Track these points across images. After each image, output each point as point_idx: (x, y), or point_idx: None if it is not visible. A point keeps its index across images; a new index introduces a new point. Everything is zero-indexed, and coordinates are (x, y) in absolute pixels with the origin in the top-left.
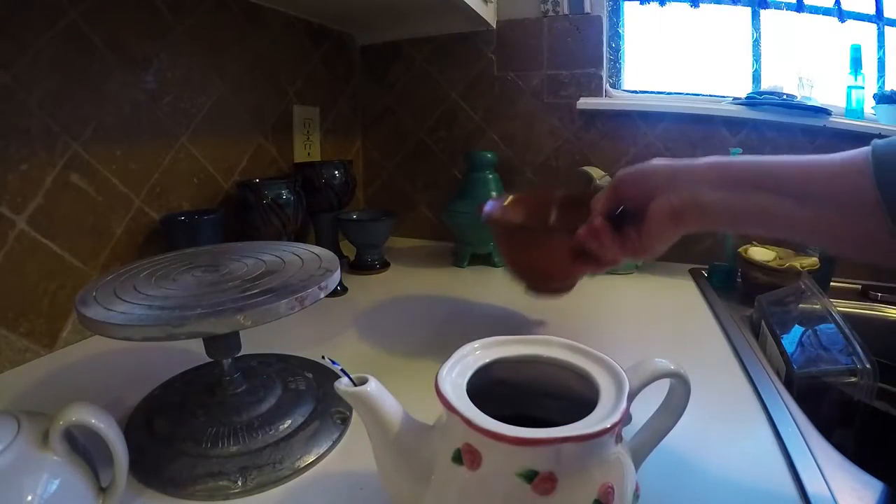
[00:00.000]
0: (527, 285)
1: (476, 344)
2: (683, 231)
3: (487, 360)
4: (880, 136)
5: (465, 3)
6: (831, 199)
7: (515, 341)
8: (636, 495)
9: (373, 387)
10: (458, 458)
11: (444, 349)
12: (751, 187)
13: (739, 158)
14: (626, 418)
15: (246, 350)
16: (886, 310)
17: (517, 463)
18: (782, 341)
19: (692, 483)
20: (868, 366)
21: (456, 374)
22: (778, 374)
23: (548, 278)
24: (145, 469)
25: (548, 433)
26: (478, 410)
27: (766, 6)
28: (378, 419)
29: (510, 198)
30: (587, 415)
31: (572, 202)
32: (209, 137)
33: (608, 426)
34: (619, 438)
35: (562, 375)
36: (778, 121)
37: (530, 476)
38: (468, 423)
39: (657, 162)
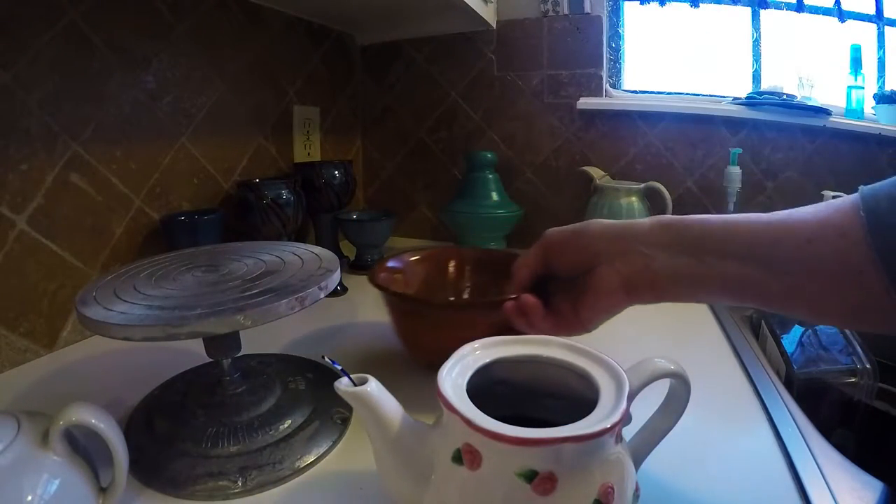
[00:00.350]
0: (424, 363)
1: (476, 344)
2: (634, 303)
3: (487, 360)
4: (880, 137)
5: (465, 3)
6: (808, 268)
7: (515, 341)
8: (636, 495)
9: (373, 387)
10: (458, 457)
11: None
12: (713, 254)
13: (694, 218)
14: (626, 418)
15: (246, 350)
16: None
17: (517, 463)
18: (782, 341)
19: (692, 483)
20: (868, 366)
21: (456, 374)
22: (778, 374)
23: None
24: (145, 469)
25: (548, 433)
26: (478, 410)
27: (766, 6)
28: (378, 419)
29: (414, 256)
30: (587, 414)
31: (483, 264)
32: (209, 137)
33: (608, 426)
34: (619, 438)
35: (562, 375)
36: (778, 121)
37: (530, 476)
38: (468, 423)
39: (594, 224)
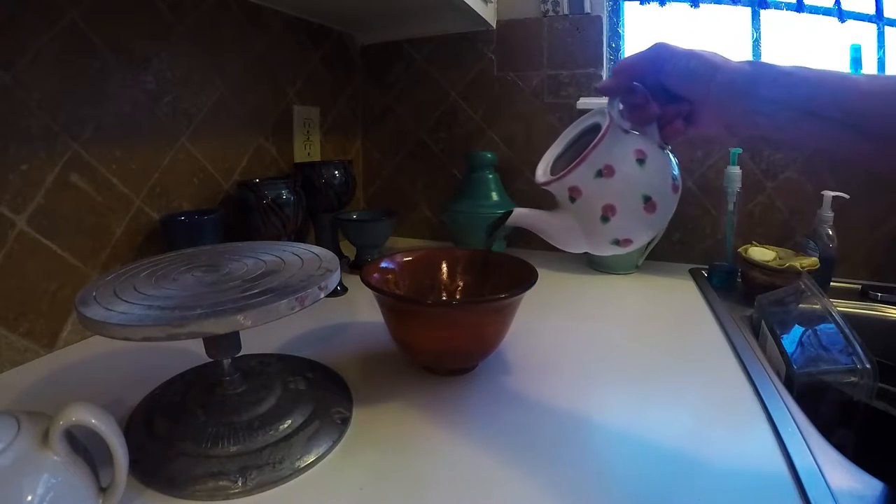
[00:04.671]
0: (419, 362)
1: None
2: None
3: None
4: None
5: (466, 3)
6: (873, 133)
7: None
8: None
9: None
10: (599, 173)
11: None
12: (806, 112)
13: (776, 67)
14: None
15: (246, 350)
16: (886, 310)
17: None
18: (782, 341)
19: (692, 483)
20: (868, 366)
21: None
22: (778, 374)
23: (444, 358)
24: (145, 469)
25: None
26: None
27: (766, 6)
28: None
29: (407, 257)
30: None
31: (474, 264)
32: (209, 137)
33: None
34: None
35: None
36: None
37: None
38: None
39: (709, 58)
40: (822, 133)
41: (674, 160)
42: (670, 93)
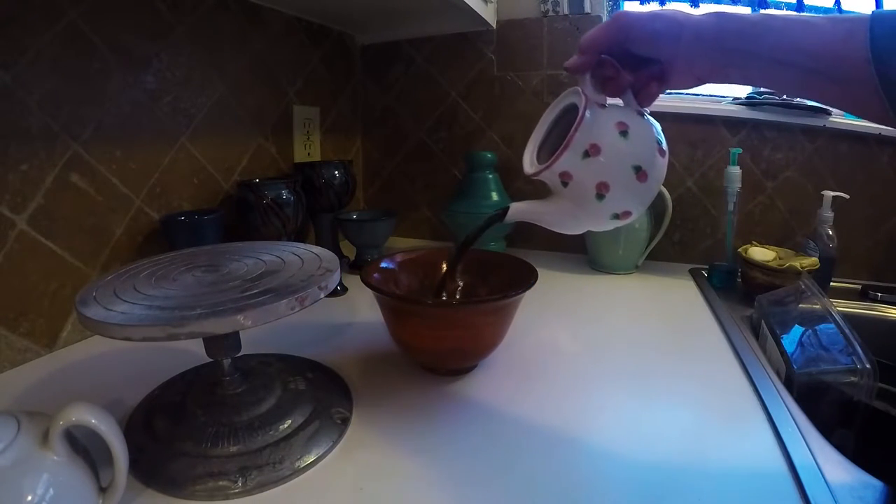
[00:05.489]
0: (419, 362)
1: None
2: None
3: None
4: (880, 137)
5: (465, 3)
6: (838, 76)
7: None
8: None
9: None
10: (585, 154)
11: None
12: (774, 60)
13: (742, 17)
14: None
15: (246, 350)
16: (886, 310)
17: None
18: (782, 341)
19: (692, 483)
20: (868, 366)
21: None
22: (778, 374)
23: (444, 358)
24: (145, 469)
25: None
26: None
27: (765, 6)
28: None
29: (406, 257)
30: None
31: (473, 264)
32: (209, 137)
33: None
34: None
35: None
36: (778, 121)
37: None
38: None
39: (669, 15)
40: (792, 80)
41: (656, 125)
42: (639, 57)
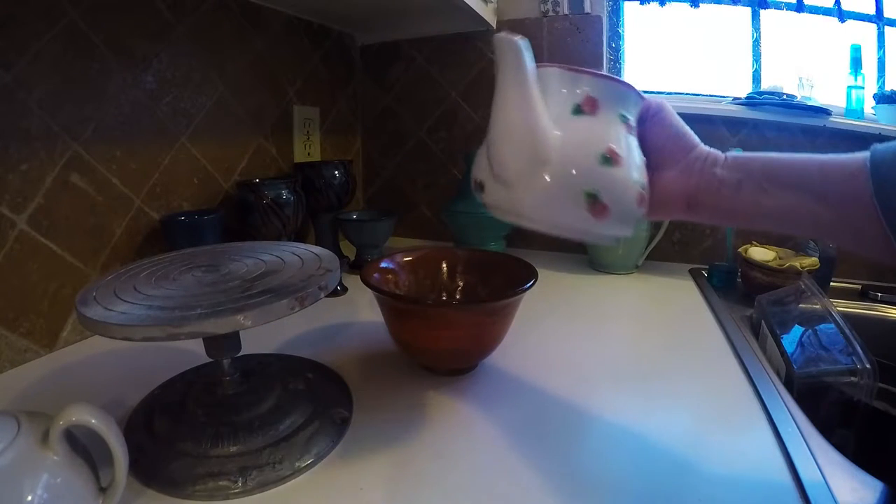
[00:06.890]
0: (419, 362)
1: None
2: (689, 219)
3: None
4: (880, 137)
5: (465, 3)
6: (849, 200)
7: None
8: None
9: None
10: (578, 110)
11: None
12: (774, 183)
13: (750, 155)
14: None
15: (246, 350)
16: (886, 310)
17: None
18: (782, 341)
19: (692, 483)
20: (868, 366)
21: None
22: (778, 374)
23: (444, 358)
24: (145, 469)
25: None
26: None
27: (766, 6)
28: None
29: (407, 257)
30: None
31: (474, 264)
32: (209, 137)
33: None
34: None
35: None
36: (778, 121)
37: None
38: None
39: (673, 117)
40: (781, 204)
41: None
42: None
